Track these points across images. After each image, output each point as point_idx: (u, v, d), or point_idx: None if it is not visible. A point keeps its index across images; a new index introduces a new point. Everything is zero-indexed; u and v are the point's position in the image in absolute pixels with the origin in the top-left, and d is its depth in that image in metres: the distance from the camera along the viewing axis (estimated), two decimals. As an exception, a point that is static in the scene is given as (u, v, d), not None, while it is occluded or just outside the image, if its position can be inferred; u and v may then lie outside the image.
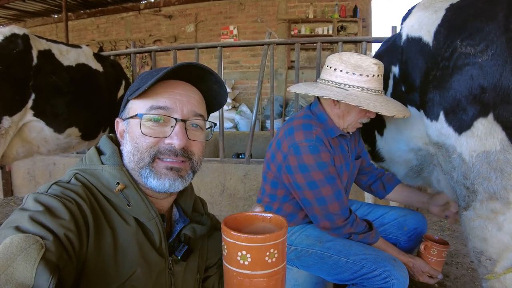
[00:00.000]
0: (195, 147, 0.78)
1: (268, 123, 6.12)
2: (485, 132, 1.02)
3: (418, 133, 1.34)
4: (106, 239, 0.68)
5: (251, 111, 6.27)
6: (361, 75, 1.28)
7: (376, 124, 1.65)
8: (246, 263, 0.59)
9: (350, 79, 1.29)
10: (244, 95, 6.71)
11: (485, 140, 1.02)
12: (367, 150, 1.80)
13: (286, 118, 5.97)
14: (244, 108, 6.43)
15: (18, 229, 0.56)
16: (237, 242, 0.59)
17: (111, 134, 0.84)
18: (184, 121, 0.76)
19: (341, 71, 1.31)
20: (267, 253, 0.59)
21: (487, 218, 1.03)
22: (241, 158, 3.83)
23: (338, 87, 1.31)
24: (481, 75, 1.02)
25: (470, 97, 1.04)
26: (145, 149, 0.73)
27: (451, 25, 1.13)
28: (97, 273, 0.66)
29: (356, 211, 1.67)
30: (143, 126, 0.74)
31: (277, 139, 1.42)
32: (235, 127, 6.12)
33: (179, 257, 0.81)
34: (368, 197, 2.24)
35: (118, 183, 0.72)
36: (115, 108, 2.69)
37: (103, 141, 0.81)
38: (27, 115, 2.01)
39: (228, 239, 0.61)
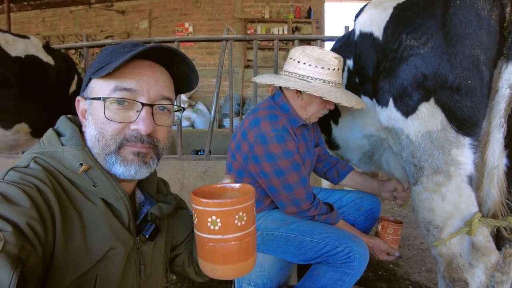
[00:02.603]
0: (161, 133, 0.76)
1: (225, 121, 6.13)
2: (428, 114, 1.14)
3: (371, 120, 1.46)
4: (74, 223, 0.66)
5: (208, 109, 6.25)
6: (323, 68, 1.36)
7: (331, 115, 1.76)
8: (217, 228, 0.61)
9: (312, 71, 1.36)
10: (200, 93, 6.66)
11: (428, 122, 1.14)
12: (324, 139, 1.91)
13: (244, 117, 6.03)
14: (200, 106, 6.39)
15: None
16: (206, 209, 0.62)
17: (69, 115, 0.80)
18: (151, 105, 0.73)
19: (304, 63, 1.38)
20: (236, 216, 0.62)
21: (433, 190, 1.16)
22: (200, 154, 3.82)
23: (302, 79, 1.38)
24: (423, 64, 1.14)
25: (415, 84, 1.17)
26: (110, 136, 0.70)
27: (398, 21, 1.26)
28: (67, 259, 0.64)
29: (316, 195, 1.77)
30: (107, 110, 0.70)
31: (242, 129, 1.45)
32: (192, 125, 6.06)
33: (146, 236, 0.81)
34: (325, 182, 2.36)
35: (81, 164, 0.69)
36: (66, 104, 2.58)
37: (62, 121, 0.78)
38: (-30, 109, 1.87)
39: (198, 207, 0.63)
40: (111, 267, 0.71)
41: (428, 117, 1.14)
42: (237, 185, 0.73)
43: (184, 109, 0.85)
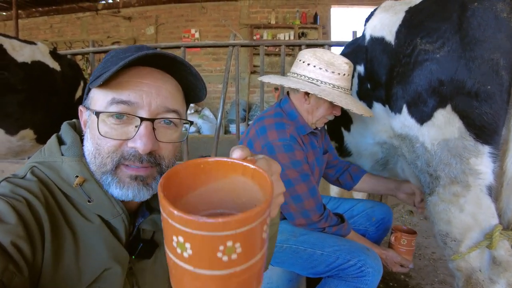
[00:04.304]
0: (165, 150, 0.66)
1: (231, 127, 6.11)
2: (444, 121, 1.10)
3: (383, 127, 1.42)
4: (66, 241, 0.60)
5: (214, 115, 6.23)
6: (333, 72, 1.32)
7: (342, 121, 1.72)
8: (186, 255, 0.36)
9: (322, 75, 1.32)
10: (206, 99, 6.59)
11: (444, 129, 1.10)
12: (334, 146, 1.86)
13: (250, 122, 5.99)
14: (206, 112, 6.38)
15: None
16: (169, 220, 0.36)
17: (74, 120, 0.74)
18: (151, 120, 0.63)
19: (314, 66, 1.34)
20: (220, 248, 0.35)
21: (450, 201, 1.10)
22: (207, 161, 3.77)
23: (311, 82, 1.34)
24: (439, 69, 1.10)
25: (430, 90, 1.12)
26: (106, 154, 0.63)
27: (411, 25, 1.22)
28: (56, 281, 0.58)
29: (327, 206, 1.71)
30: (103, 125, 0.62)
31: (248, 139, 1.41)
32: (198, 131, 6.05)
33: (133, 257, 0.70)
34: (333, 191, 2.31)
35: (77, 176, 0.63)
36: (72, 110, 2.56)
37: (64, 128, 0.71)
38: (-25, 115, 1.86)
39: (162, 210, 0.38)
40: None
41: (445, 124, 1.10)
42: (251, 166, 0.43)
43: (192, 123, 0.75)
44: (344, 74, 1.33)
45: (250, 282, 0.39)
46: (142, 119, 0.62)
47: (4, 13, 7.00)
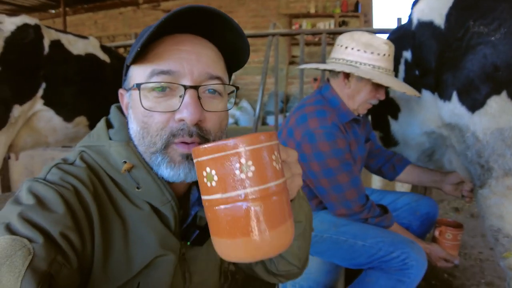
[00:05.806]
0: (210, 122, 0.62)
1: (268, 119, 6.11)
2: (498, 109, 1.03)
3: (431, 115, 1.35)
4: (115, 230, 0.60)
5: (252, 107, 6.26)
6: (372, 53, 1.28)
7: (389, 109, 1.66)
8: (214, 183, 0.43)
9: (361, 57, 1.29)
10: (244, 91, 6.68)
11: (498, 118, 1.03)
12: (379, 136, 1.80)
13: (287, 114, 5.93)
14: (245, 104, 6.40)
15: (8, 228, 0.49)
16: (199, 159, 0.45)
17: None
18: (195, 87, 0.59)
19: (352, 49, 1.30)
20: (237, 165, 0.42)
21: (503, 195, 1.04)
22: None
23: (349, 64, 1.31)
24: (494, 53, 1.03)
25: (483, 76, 1.06)
26: (155, 132, 0.60)
27: (463, 6, 1.15)
28: (106, 270, 0.58)
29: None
30: (145, 99, 0.59)
31: (288, 127, 1.39)
32: (235, 123, 6.10)
33: (188, 243, 0.68)
34: (375, 183, 2.25)
35: (125, 162, 0.61)
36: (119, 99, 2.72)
37: (112, 111, 0.70)
38: (37, 104, 2.02)
39: (193, 159, 0.47)
40: (156, 276, 0.64)
41: (499, 112, 1.03)
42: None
43: (237, 88, 0.69)
44: (384, 55, 1.28)
45: (279, 207, 0.46)
46: (186, 87, 0.59)
47: (53, 11, 7.42)
